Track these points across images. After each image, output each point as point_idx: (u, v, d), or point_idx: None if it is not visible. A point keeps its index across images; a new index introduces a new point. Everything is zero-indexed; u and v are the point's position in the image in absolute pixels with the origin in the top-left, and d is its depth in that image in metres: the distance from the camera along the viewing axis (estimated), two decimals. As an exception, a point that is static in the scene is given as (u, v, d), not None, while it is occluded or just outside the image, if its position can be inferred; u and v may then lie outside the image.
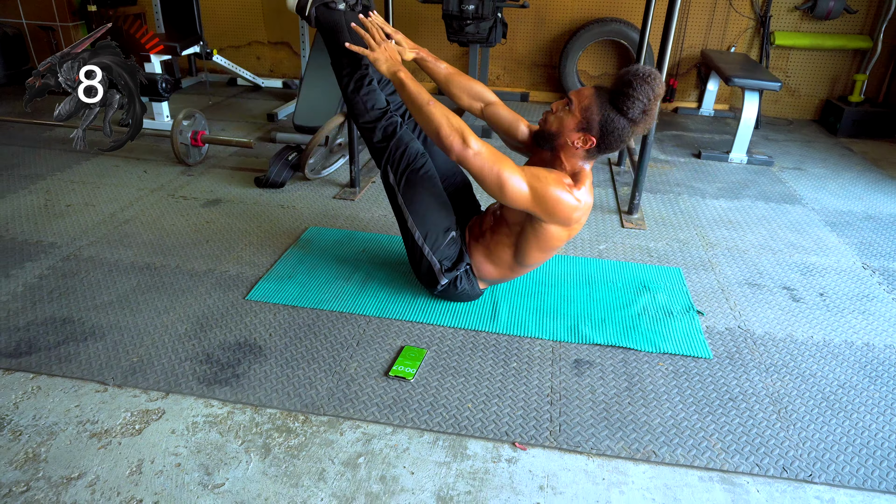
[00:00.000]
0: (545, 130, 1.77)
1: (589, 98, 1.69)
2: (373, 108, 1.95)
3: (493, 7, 3.75)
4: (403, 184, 1.92)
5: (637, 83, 1.61)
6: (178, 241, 2.44)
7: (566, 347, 1.88)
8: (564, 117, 1.72)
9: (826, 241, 2.64)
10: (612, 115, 1.66)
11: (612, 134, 1.68)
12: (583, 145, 1.72)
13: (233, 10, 4.94)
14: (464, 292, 2.00)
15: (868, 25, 4.22)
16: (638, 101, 1.62)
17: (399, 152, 1.93)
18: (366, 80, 1.95)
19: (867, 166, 3.60)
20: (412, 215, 1.92)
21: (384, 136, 1.95)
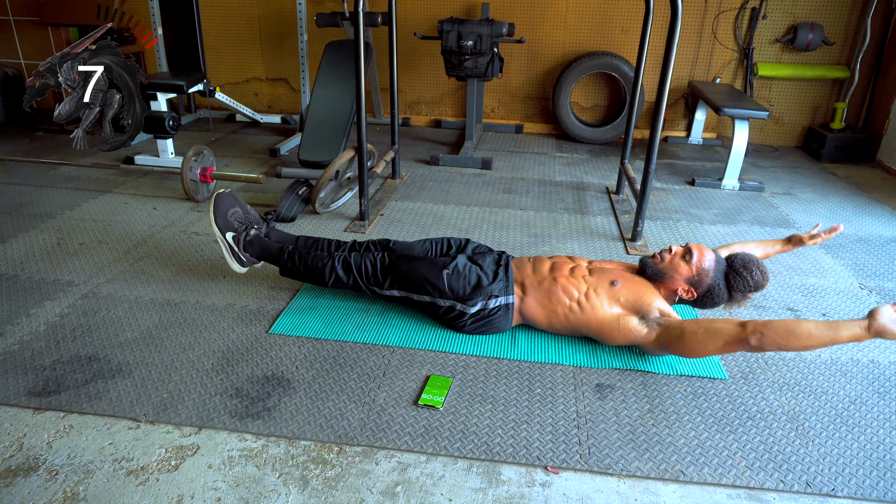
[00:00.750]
0: (658, 267, 2.02)
1: (710, 263, 1.96)
2: (323, 266, 2.14)
3: (490, 43, 3.89)
4: (392, 282, 2.09)
5: (755, 271, 1.92)
6: (195, 276, 2.47)
7: (586, 372, 1.94)
8: (681, 265, 1.98)
9: (822, 264, 2.74)
10: (721, 285, 1.95)
11: (710, 299, 1.98)
12: (684, 295, 1.99)
13: (231, 47, 5.04)
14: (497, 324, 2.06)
15: (845, 56, 4.43)
16: (748, 286, 1.93)
17: (364, 269, 2.11)
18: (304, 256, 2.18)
19: (852, 190, 3.75)
20: (412, 291, 2.08)
21: (346, 270, 2.12)
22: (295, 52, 4.70)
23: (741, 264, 1.95)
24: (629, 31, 4.54)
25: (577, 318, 1.97)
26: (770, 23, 4.40)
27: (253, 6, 4.89)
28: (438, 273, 2.03)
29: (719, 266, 1.97)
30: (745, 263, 1.95)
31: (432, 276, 2.03)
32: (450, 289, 2.01)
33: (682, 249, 2.02)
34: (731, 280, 1.95)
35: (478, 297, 2.00)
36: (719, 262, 1.98)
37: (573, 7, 4.56)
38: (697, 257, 1.97)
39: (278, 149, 4.12)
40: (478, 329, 2.06)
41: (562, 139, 4.78)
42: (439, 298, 2.04)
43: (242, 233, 2.20)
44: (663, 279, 2.01)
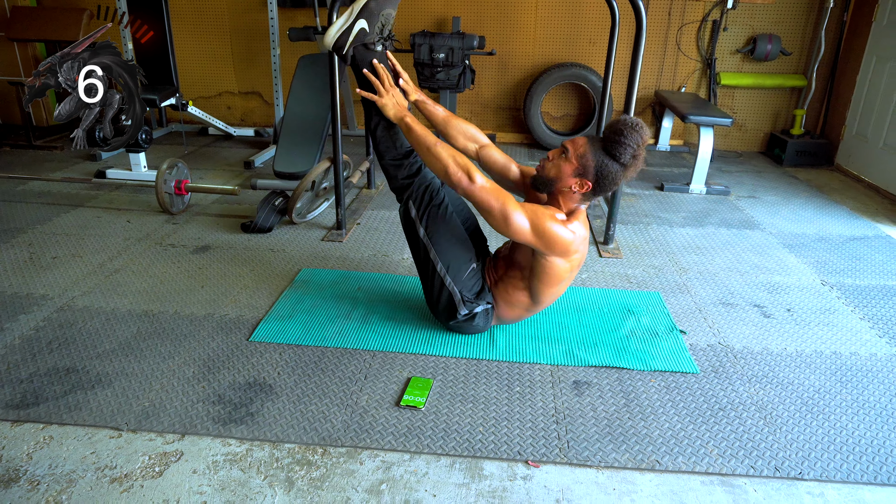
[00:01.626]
0: (543, 176, 1.90)
1: (584, 146, 1.84)
2: (400, 147, 2.06)
3: (462, 55, 3.96)
4: (427, 217, 2.01)
5: (627, 131, 1.77)
6: (172, 287, 2.46)
7: (564, 370, 1.99)
8: (562, 164, 1.86)
9: (786, 262, 2.85)
10: (605, 160, 1.81)
11: (606, 178, 1.83)
12: (580, 189, 1.85)
13: (203, 61, 5.04)
14: (476, 327, 2.10)
15: (802, 66, 4.62)
16: (629, 146, 1.78)
17: (423, 188, 2.04)
18: None
19: (813, 192, 3.90)
20: (435, 247, 2.01)
21: (409, 173, 2.06)
22: (268, 66, 4.72)
23: (612, 130, 1.80)
24: (597, 43, 4.67)
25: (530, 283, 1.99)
26: (731, 34, 4.57)
27: (225, 20, 4.91)
28: (468, 260, 2.03)
29: (595, 144, 1.84)
30: (615, 129, 1.79)
31: (463, 257, 2.02)
32: (461, 281, 2.02)
33: (557, 150, 1.90)
34: (613, 150, 1.79)
35: (476, 301, 2.04)
36: (593, 141, 1.85)
37: (542, 20, 4.68)
38: (571, 148, 1.85)
39: (252, 161, 4.13)
40: (460, 329, 2.10)
41: (534, 148, 4.88)
42: (448, 277, 2.01)
43: (374, 35, 1.98)
44: (554, 185, 1.89)
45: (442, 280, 2.02)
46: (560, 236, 1.82)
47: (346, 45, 2.00)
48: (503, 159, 2.11)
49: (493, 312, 2.09)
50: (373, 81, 1.99)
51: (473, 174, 1.79)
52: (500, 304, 2.08)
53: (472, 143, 2.13)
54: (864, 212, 3.56)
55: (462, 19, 4.63)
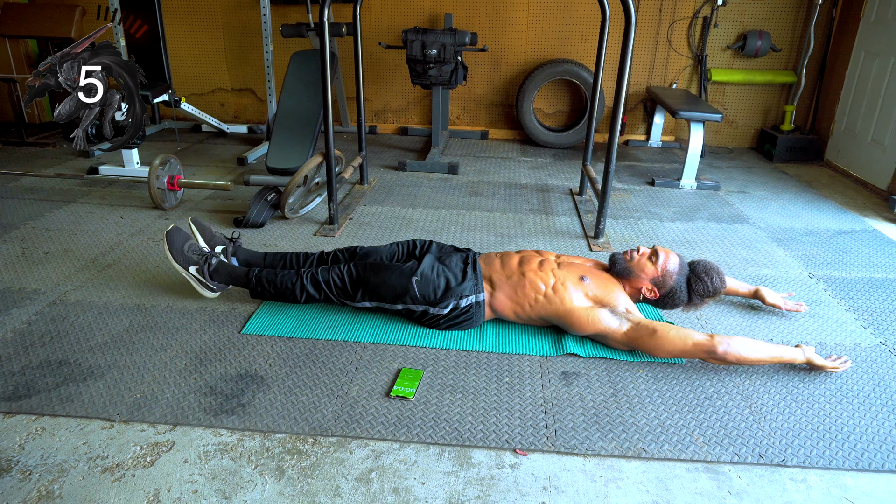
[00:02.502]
0: (627, 265, 2.12)
1: (675, 266, 2.09)
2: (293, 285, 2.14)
3: (454, 51, 3.98)
4: (364, 294, 2.11)
5: (715, 277, 2.08)
6: (165, 281, 2.47)
7: (552, 361, 2.01)
8: (647, 265, 2.10)
9: (774, 256, 2.88)
10: (682, 287, 2.09)
11: (671, 300, 2.11)
12: (648, 294, 2.11)
13: (196, 58, 5.04)
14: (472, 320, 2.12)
15: (792, 62, 4.65)
16: (707, 290, 2.08)
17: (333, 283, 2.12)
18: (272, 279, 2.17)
19: (802, 187, 3.93)
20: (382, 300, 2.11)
21: (316, 288, 2.13)
22: (261, 63, 4.73)
23: (703, 270, 2.10)
24: (588, 39, 4.70)
25: (544, 308, 2.05)
26: (721, 31, 4.61)
27: (218, 17, 4.91)
28: (407, 281, 2.08)
29: (682, 270, 2.11)
30: (706, 269, 2.10)
31: (401, 285, 2.08)
32: (421, 295, 2.07)
33: (650, 251, 2.14)
34: (693, 284, 2.09)
35: (449, 299, 2.06)
36: (682, 266, 2.12)
37: (534, 16, 4.70)
38: (664, 259, 2.10)
39: (246, 157, 4.14)
40: (452, 326, 2.12)
41: (526, 144, 4.90)
42: (412, 305, 2.09)
43: (204, 264, 2.18)
44: (629, 277, 2.12)
45: (409, 310, 2.11)
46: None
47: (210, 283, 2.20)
48: None
49: (483, 305, 2.11)
50: None
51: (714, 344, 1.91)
52: (499, 296, 2.09)
53: None
54: (853, 206, 3.59)
55: (454, 16, 4.65)
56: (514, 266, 2.13)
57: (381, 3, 4.75)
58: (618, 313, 2.01)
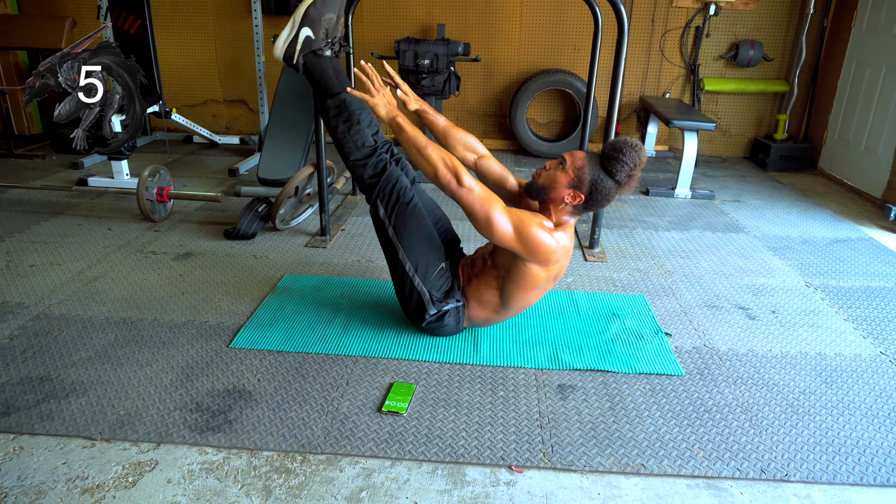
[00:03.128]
0: (538, 184, 1.90)
1: (582, 160, 1.85)
2: (363, 146, 2.04)
3: (447, 62, 3.96)
4: (395, 216, 2.00)
5: (626, 150, 1.80)
6: (152, 294, 2.42)
7: (548, 374, 1.97)
8: (557, 174, 1.87)
9: (771, 265, 2.85)
10: (601, 176, 1.83)
11: (599, 193, 1.85)
12: (572, 201, 1.86)
13: (188, 69, 5.01)
14: (448, 327, 2.08)
15: (784, 71, 4.66)
16: (626, 165, 1.80)
17: (389, 187, 2.01)
18: (354, 120, 2.04)
19: (797, 196, 3.92)
20: (403, 247, 2.00)
21: (375, 172, 2.04)
22: (253, 74, 4.70)
23: (611, 148, 1.83)
24: (581, 49, 4.70)
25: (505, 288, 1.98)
26: (713, 41, 4.61)
27: (210, 28, 4.88)
28: (437, 259, 2.01)
29: (593, 159, 1.86)
30: (614, 146, 1.83)
31: (428, 256, 2.00)
32: (430, 281, 2.01)
33: (555, 161, 1.92)
34: (609, 166, 1.82)
35: (445, 301, 2.03)
36: (591, 156, 1.87)
37: (527, 26, 4.69)
38: (569, 160, 1.86)
39: (237, 168, 4.10)
40: (432, 330, 2.09)
41: (520, 154, 4.88)
42: (416, 276, 2.00)
43: (320, 42, 1.98)
44: (547, 194, 1.89)
45: (411, 280, 2.01)
46: (543, 243, 1.82)
47: (295, 54, 2.02)
48: (500, 170, 2.11)
49: (463, 312, 2.07)
50: (364, 81, 1.99)
51: (462, 177, 1.79)
52: (470, 302, 2.06)
53: (470, 153, 2.12)
54: (847, 215, 3.58)
55: (447, 26, 4.64)
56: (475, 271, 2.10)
57: (372, 14, 4.74)
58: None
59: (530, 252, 1.83)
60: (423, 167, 1.84)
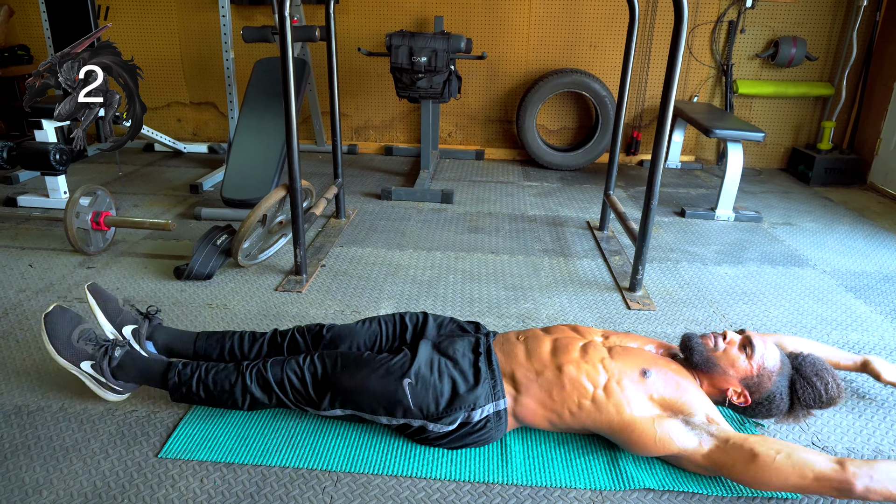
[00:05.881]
0: (711, 358, 1.53)
1: (775, 363, 1.51)
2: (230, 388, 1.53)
3: (447, 59, 3.38)
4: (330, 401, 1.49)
5: (831, 385, 1.48)
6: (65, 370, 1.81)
7: (611, 500, 1.39)
8: (738, 360, 1.51)
9: (857, 312, 2.30)
10: (783, 394, 1.50)
11: (765, 408, 1.52)
12: (736, 399, 1.52)
13: (148, 67, 4.36)
14: (488, 436, 1.50)
15: (828, 72, 4.12)
16: (818, 400, 1.48)
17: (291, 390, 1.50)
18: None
19: (855, 217, 3.38)
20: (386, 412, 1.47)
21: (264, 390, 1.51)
22: (222, 72, 4.08)
23: (813, 371, 1.50)
24: (598, 47, 4.13)
25: (591, 417, 1.44)
26: (749, 37, 4.06)
27: (173, 20, 4.26)
28: (397, 384, 1.45)
29: (785, 369, 1.52)
30: (817, 370, 1.50)
31: (388, 391, 1.45)
32: (416, 406, 1.44)
33: (741, 339, 1.54)
34: (798, 389, 1.50)
35: (456, 412, 1.44)
36: (785, 364, 1.53)
37: (536, 20, 4.12)
38: (761, 353, 1.51)
39: (200, 184, 3.48)
40: (460, 446, 1.49)
41: (528, 165, 4.30)
42: (403, 419, 1.46)
43: (103, 358, 1.54)
44: (712, 372, 1.52)
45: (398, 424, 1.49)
46: None
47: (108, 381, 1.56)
48: None
49: (505, 415, 1.48)
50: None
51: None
52: (526, 401, 1.48)
53: None
54: (921, 241, 3.04)
55: (445, 19, 4.05)
56: (546, 356, 1.51)
57: (360, 4, 4.14)
58: (695, 424, 1.40)
59: None
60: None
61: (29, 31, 4.32)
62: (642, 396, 1.43)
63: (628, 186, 3.88)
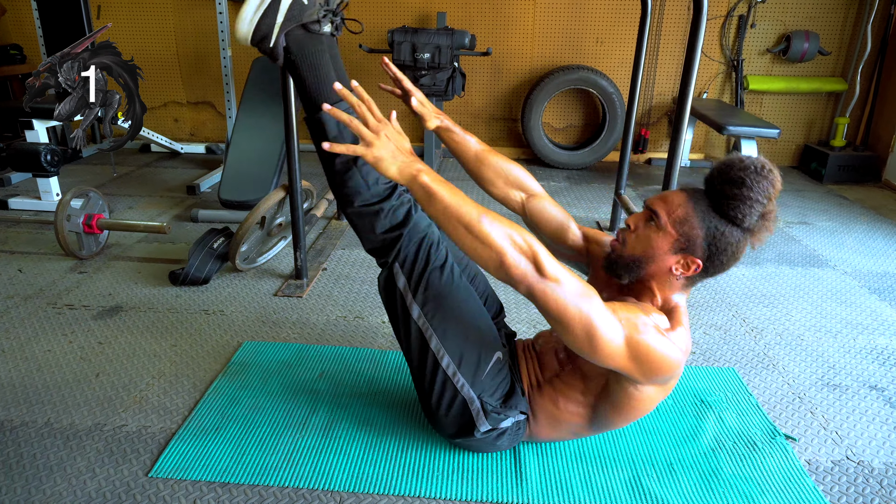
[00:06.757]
0: (625, 255, 1.23)
1: (683, 206, 1.18)
2: (376, 183, 1.31)
3: (450, 56, 3.28)
4: (423, 288, 1.29)
5: (751, 179, 1.11)
6: (53, 378, 1.72)
7: (635, 521, 1.29)
8: (652, 236, 1.20)
9: (883, 315, 2.20)
10: (720, 225, 1.15)
11: (722, 251, 1.17)
12: (685, 271, 1.19)
13: (143, 66, 4.25)
14: (499, 447, 1.41)
15: (840, 67, 4.02)
16: (755, 202, 1.12)
17: (415, 244, 1.30)
18: None
19: (872, 216, 3.27)
20: (437, 333, 1.29)
21: (393, 223, 1.31)
22: (219, 71, 3.99)
23: (724, 179, 1.14)
24: (605, 42, 4.03)
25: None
26: (759, 31, 3.96)
27: (168, 18, 4.17)
28: (490, 348, 1.32)
29: (699, 202, 1.18)
30: (728, 176, 1.14)
31: (483, 345, 1.31)
32: (481, 382, 1.31)
33: (641, 215, 1.24)
34: (729, 208, 1.14)
35: (508, 411, 1.34)
36: (695, 197, 1.19)
37: (541, 16, 4.02)
38: (664, 210, 1.19)
39: (197, 185, 3.38)
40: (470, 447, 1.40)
41: (533, 164, 4.20)
42: (459, 374, 1.30)
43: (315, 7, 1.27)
44: (643, 268, 1.22)
45: (450, 381, 1.31)
46: (667, 358, 1.13)
47: (274, 31, 1.25)
48: (561, 216, 1.44)
49: (524, 426, 1.39)
50: (343, 120, 1.14)
51: (543, 261, 1.05)
52: (538, 417, 1.38)
53: (516, 190, 1.44)
54: (942, 240, 2.94)
55: (447, 15, 3.96)
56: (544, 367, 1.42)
57: (361, 0, 4.04)
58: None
59: (647, 372, 1.14)
60: (477, 252, 1.07)
61: (21, 30, 4.23)
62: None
63: (637, 185, 3.78)
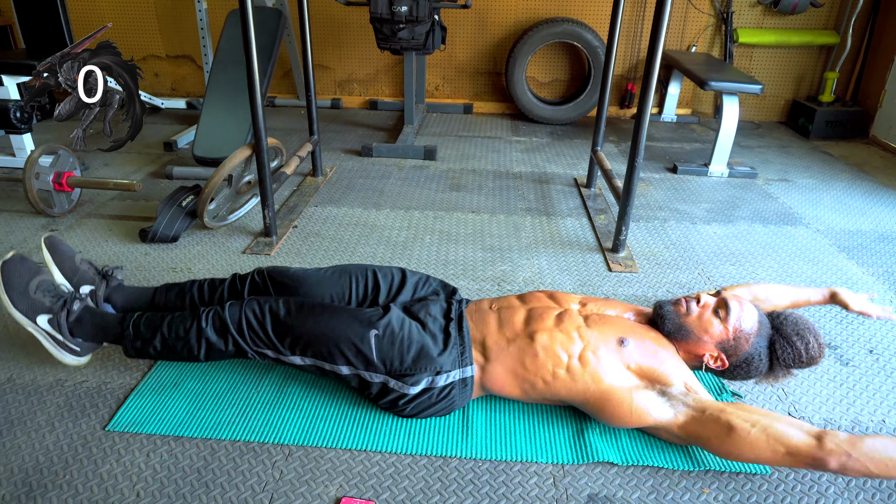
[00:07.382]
0: (683, 324, 1.45)
1: (752, 324, 1.42)
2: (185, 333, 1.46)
3: (429, 8, 3.20)
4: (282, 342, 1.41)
5: (812, 343, 1.40)
6: (18, 335, 1.75)
7: (573, 475, 1.33)
8: (712, 324, 1.43)
9: (848, 273, 2.21)
10: (762, 355, 1.42)
11: (743, 370, 1.44)
12: (713, 362, 1.44)
13: (119, 18, 4.19)
14: (452, 404, 1.44)
15: (833, 20, 3.92)
16: (798, 360, 1.41)
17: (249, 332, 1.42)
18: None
19: (855, 173, 3.25)
20: (320, 358, 1.40)
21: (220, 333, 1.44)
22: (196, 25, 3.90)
23: (793, 330, 1.42)
24: (591, -7, 3.93)
25: (566, 387, 1.37)
26: (750, -19, 3.85)
27: (145, -32, 4.06)
28: (364, 333, 1.38)
29: (763, 329, 1.43)
30: (798, 329, 1.42)
31: (355, 338, 1.37)
32: (381, 359, 1.37)
33: (715, 302, 1.45)
34: (778, 349, 1.42)
35: (421, 373, 1.37)
36: (762, 325, 1.44)
37: (527, -35, 3.90)
38: (737, 314, 1.42)
39: (174, 141, 3.36)
40: (421, 413, 1.43)
41: (518, 120, 4.15)
42: (365, 371, 1.39)
43: (61, 310, 1.46)
44: (686, 339, 1.44)
45: (362, 379, 1.41)
46: None
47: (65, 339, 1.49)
48: None
49: (471, 382, 1.42)
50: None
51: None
52: (496, 369, 1.41)
53: None
54: (921, 198, 2.93)
55: (431, -36, 3.83)
56: (519, 324, 1.44)
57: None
58: (671, 394, 1.33)
59: None
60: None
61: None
62: (619, 366, 1.36)
63: (620, 141, 3.75)
